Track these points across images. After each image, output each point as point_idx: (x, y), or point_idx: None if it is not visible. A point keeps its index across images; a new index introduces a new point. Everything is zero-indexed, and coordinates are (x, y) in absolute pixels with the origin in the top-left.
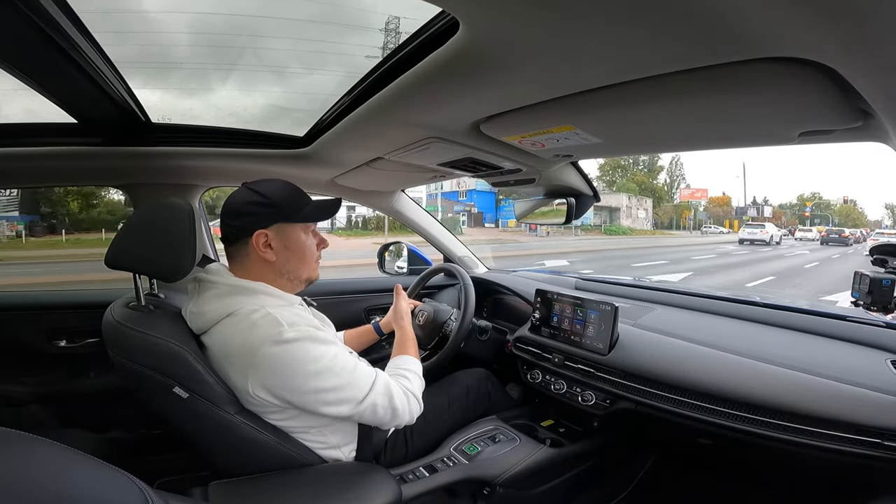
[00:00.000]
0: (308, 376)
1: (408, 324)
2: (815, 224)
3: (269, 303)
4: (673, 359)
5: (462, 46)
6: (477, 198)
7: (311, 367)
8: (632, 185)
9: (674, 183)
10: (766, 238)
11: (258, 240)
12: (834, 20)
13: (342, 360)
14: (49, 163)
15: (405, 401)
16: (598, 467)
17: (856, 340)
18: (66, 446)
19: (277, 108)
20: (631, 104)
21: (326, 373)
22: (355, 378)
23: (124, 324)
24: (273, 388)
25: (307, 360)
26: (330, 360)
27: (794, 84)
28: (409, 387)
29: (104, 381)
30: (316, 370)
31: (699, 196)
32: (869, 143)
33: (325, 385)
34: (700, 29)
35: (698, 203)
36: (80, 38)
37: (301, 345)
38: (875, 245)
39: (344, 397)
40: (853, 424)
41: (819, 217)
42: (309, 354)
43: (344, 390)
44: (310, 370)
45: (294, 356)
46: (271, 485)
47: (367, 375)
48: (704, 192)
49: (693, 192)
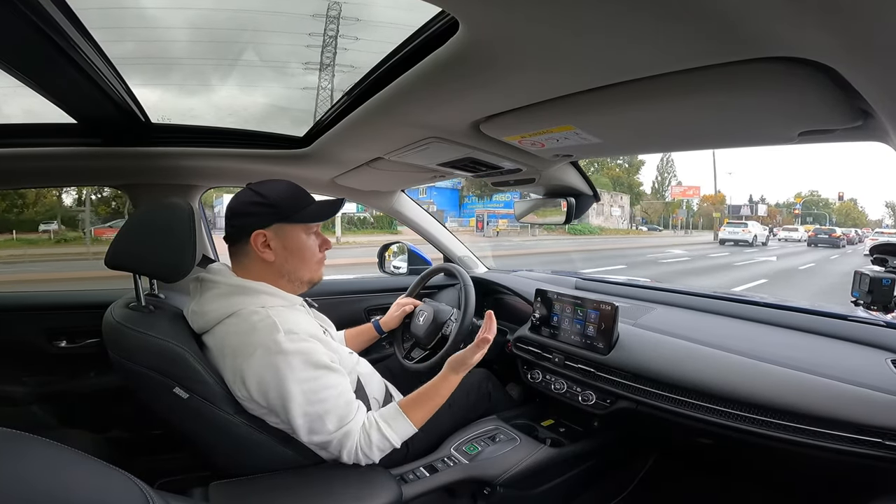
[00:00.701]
0: (285, 395)
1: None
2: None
3: (270, 303)
4: (673, 359)
5: (462, 46)
6: (437, 195)
7: (291, 386)
8: (604, 179)
9: (664, 180)
10: (749, 238)
11: (257, 240)
12: (834, 20)
13: (326, 392)
14: (48, 163)
15: (353, 456)
16: (598, 467)
17: (856, 340)
18: (66, 446)
19: (277, 108)
20: (631, 104)
21: (301, 398)
22: (329, 414)
23: (124, 324)
24: (253, 392)
25: (291, 379)
26: (312, 387)
27: (794, 84)
28: (366, 449)
29: (104, 381)
30: (295, 391)
31: (691, 194)
32: (869, 143)
33: (297, 409)
34: (700, 29)
35: (691, 201)
36: (78, 38)
37: (292, 360)
38: (875, 244)
39: (309, 429)
40: (854, 424)
41: (814, 216)
42: (295, 373)
43: (311, 423)
44: (289, 389)
45: (279, 368)
46: (271, 485)
47: (344, 416)
48: (697, 190)
49: (685, 190)
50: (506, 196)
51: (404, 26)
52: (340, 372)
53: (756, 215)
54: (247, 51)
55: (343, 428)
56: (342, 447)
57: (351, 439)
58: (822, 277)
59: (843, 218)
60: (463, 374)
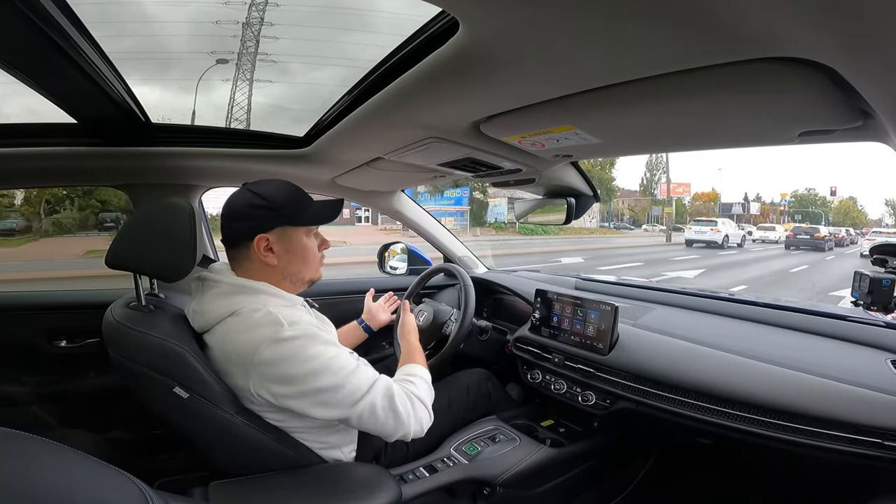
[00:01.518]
0: (304, 375)
1: (415, 338)
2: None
3: (271, 302)
4: (673, 359)
5: (462, 46)
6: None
7: (307, 364)
8: None
9: (654, 177)
10: (719, 239)
11: (259, 244)
12: (834, 20)
13: (341, 361)
14: (49, 163)
15: (408, 405)
16: (598, 467)
17: (856, 340)
18: (66, 446)
19: (277, 108)
20: (631, 104)
21: (323, 371)
22: (353, 379)
23: (125, 324)
24: (272, 388)
25: (304, 358)
26: (327, 359)
27: (794, 84)
28: (415, 391)
29: (104, 381)
30: (312, 368)
31: (681, 191)
32: (869, 143)
33: (319, 384)
34: (700, 29)
35: (682, 198)
36: (79, 38)
37: (299, 342)
38: (875, 245)
39: (338, 398)
40: (853, 424)
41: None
42: (306, 352)
43: (338, 391)
44: (306, 368)
45: (292, 353)
46: (271, 485)
47: (367, 377)
48: (687, 187)
49: (675, 187)
50: (456, 192)
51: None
52: (347, 350)
53: (749, 214)
54: (245, 50)
55: (377, 383)
56: (392, 402)
57: (396, 390)
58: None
59: (841, 217)
60: (414, 338)
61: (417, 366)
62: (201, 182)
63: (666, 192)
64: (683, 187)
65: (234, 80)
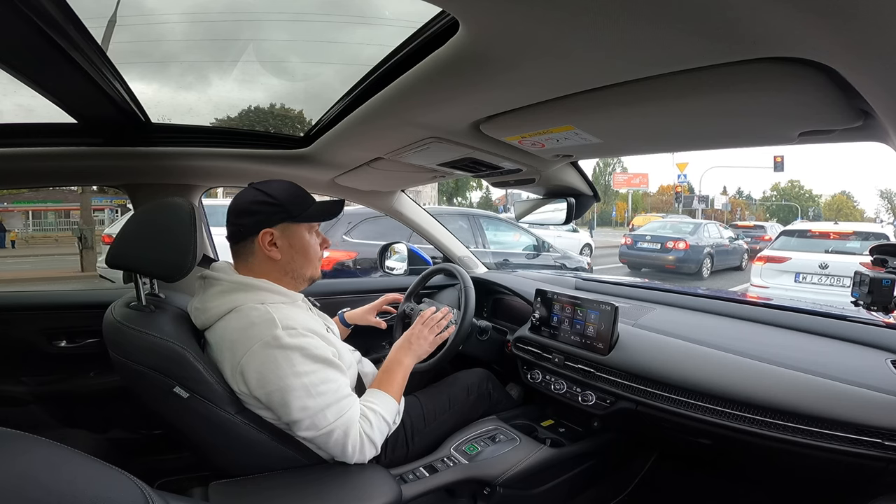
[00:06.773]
0: (285, 388)
1: (411, 359)
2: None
3: (271, 299)
4: (673, 359)
5: (462, 46)
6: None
7: (291, 380)
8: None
9: (606, 167)
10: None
11: (264, 238)
12: (834, 20)
13: (322, 388)
14: (49, 163)
15: (357, 445)
16: (598, 467)
17: (856, 340)
18: (66, 446)
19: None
20: (631, 104)
21: (301, 392)
22: (325, 412)
23: (125, 324)
24: (247, 381)
25: (290, 373)
26: (309, 383)
27: (794, 84)
28: (369, 432)
29: (104, 381)
30: (291, 385)
31: (637, 183)
32: (869, 143)
33: (289, 400)
34: (700, 29)
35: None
36: (79, 38)
37: (290, 354)
38: (874, 245)
39: (299, 416)
40: (853, 424)
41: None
42: (294, 367)
43: (304, 411)
44: (289, 383)
45: (279, 362)
46: (271, 485)
47: (336, 413)
48: (645, 178)
49: (630, 178)
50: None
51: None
52: (340, 367)
53: (712, 209)
54: (246, 49)
55: (342, 417)
56: (346, 439)
57: (354, 429)
58: None
59: (833, 213)
60: (413, 359)
61: (387, 396)
62: (201, 182)
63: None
64: (641, 178)
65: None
